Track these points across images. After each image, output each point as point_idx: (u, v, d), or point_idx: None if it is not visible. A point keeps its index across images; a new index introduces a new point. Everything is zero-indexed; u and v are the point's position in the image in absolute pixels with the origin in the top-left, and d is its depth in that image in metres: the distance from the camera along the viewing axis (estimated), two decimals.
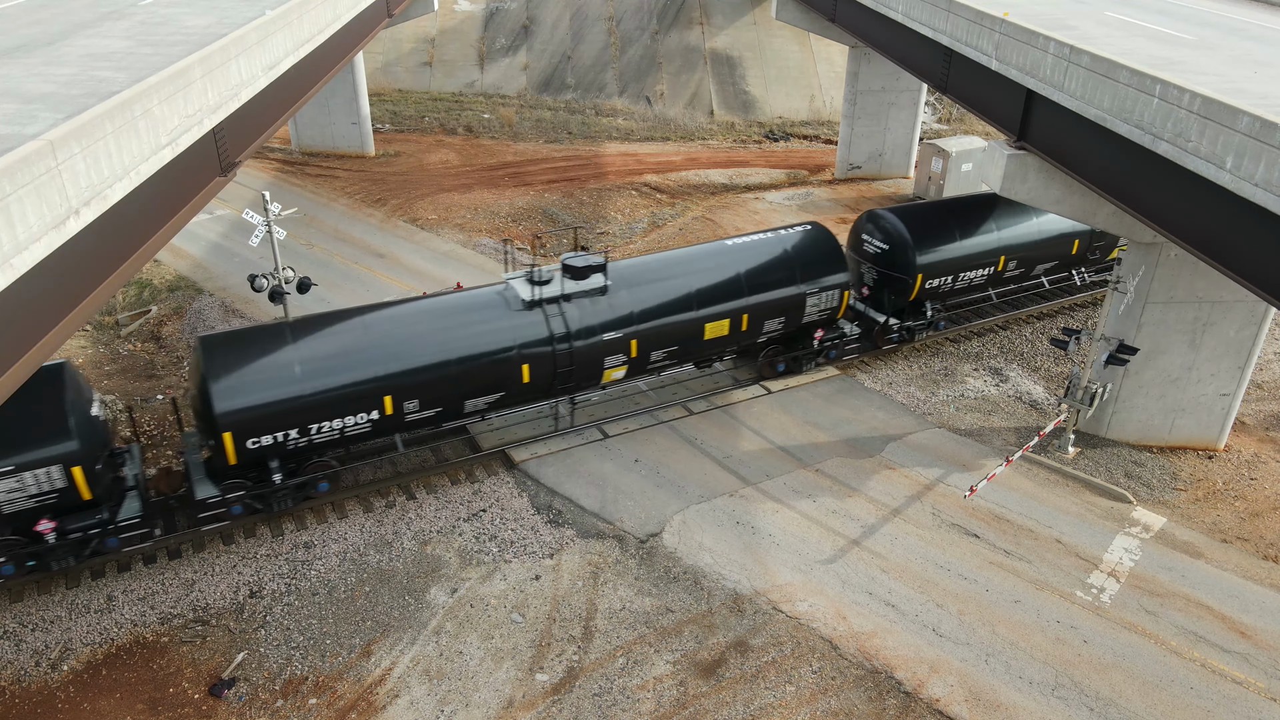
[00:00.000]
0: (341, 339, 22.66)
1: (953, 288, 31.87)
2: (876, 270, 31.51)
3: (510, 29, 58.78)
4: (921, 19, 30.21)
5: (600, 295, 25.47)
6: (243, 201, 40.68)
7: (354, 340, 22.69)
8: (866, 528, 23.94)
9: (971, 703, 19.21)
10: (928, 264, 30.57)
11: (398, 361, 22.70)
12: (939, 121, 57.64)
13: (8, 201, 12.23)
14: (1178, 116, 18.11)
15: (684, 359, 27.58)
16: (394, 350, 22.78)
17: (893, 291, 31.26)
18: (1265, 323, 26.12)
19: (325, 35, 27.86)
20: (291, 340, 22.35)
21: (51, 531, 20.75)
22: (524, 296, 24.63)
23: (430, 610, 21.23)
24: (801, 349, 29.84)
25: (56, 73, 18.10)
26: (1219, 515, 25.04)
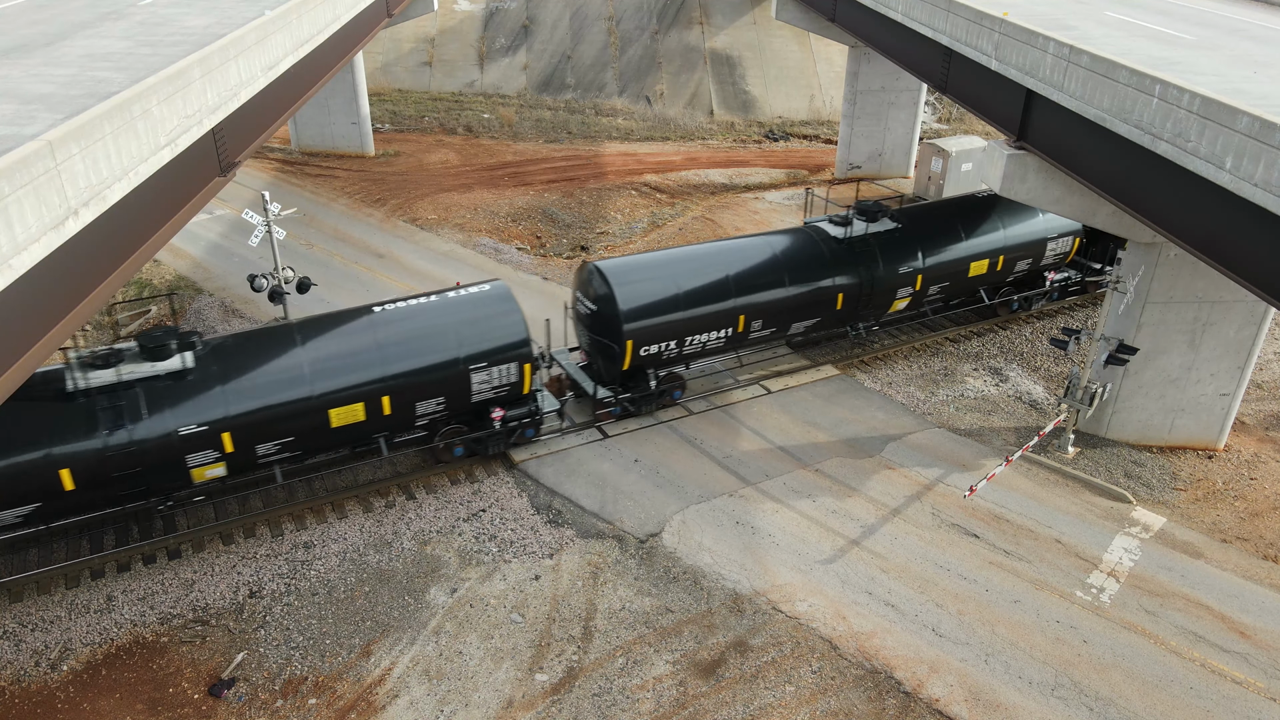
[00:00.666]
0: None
1: (680, 353, 27.22)
2: (589, 335, 27.17)
3: (510, 29, 58.77)
4: (921, 19, 30.20)
5: None
6: (242, 201, 40.69)
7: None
8: (866, 528, 23.94)
9: (971, 703, 19.21)
10: (638, 329, 25.93)
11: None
12: (939, 121, 57.64)
13: (6, 202, 12.22)
14: (1177, 116, 18.10)
15: None
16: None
17: (606, 359, 26.85)
18: (1265, 323, 26.12)
19: (325, 35, 27.86)
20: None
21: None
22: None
23: (430, 610, 21.23)
24: (482, 429, 25.30)
25: (55, 73, 18.10)
26: (1219, 515, 25.04)
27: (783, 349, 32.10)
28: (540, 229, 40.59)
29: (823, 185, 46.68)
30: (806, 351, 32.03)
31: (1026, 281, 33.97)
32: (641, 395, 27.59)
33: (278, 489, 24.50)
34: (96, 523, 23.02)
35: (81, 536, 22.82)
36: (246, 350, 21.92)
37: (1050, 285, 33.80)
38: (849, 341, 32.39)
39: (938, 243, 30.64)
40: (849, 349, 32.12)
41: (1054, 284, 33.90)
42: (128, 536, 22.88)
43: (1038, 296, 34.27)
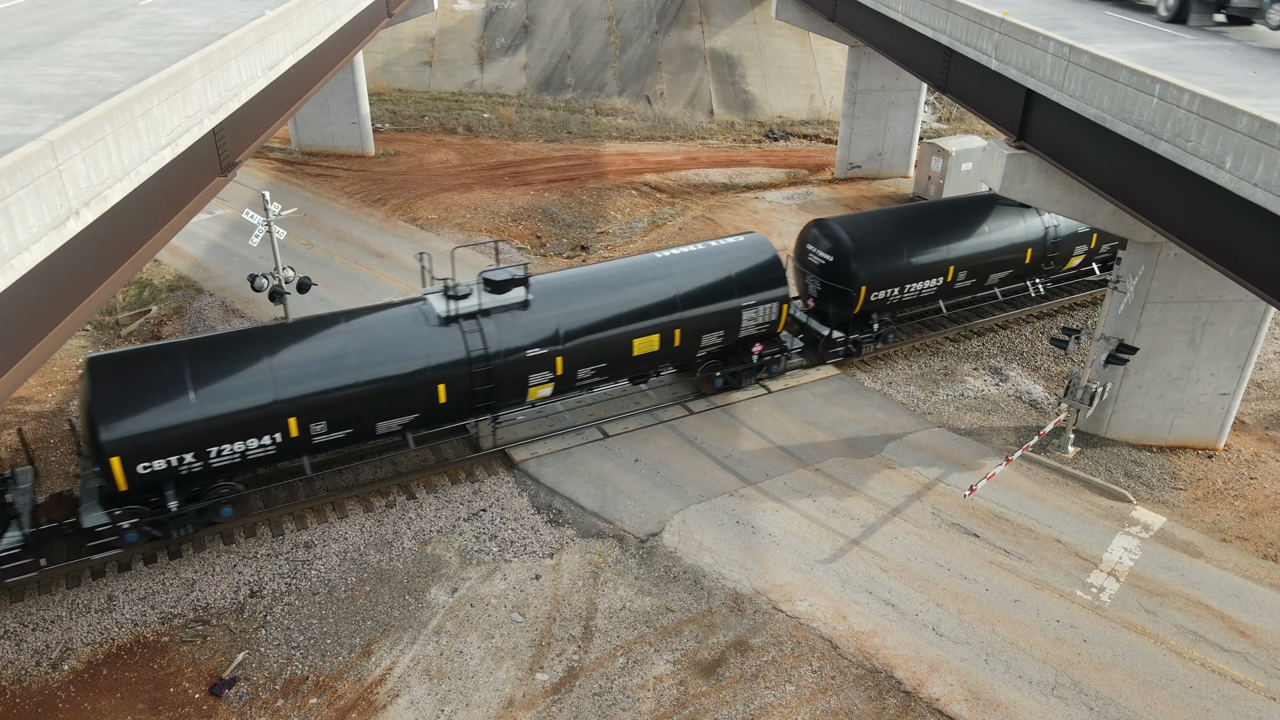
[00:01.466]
0: None
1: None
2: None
3: (510, 28, 58.78)
4: (921, 18, 30.21)
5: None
6: (242, 201, 40.70)
7: None
8: (866, 527, 23.96)
9: (971, 702, 19.23)
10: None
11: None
12: (939, 121, 57.65)
13: (7, 202, 12.23)
14: (1177, 116, 18.12)
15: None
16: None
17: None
18: (1265, 322, 26.14)
19: (325, 35, 27.86)
20: None
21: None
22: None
23: (430, 610, 21.25)
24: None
25: (56, 73, 18.11)
26: (1219, 515, 25.05)
27: None
28: (540, 228, 40.60)
29: (822, 185, 46.71)
30: (806, 351, 32.03)
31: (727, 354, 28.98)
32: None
33: (278, 489, 24.52)
34: None
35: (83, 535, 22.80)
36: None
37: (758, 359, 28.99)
38: None
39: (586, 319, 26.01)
40: None
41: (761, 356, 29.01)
42: None
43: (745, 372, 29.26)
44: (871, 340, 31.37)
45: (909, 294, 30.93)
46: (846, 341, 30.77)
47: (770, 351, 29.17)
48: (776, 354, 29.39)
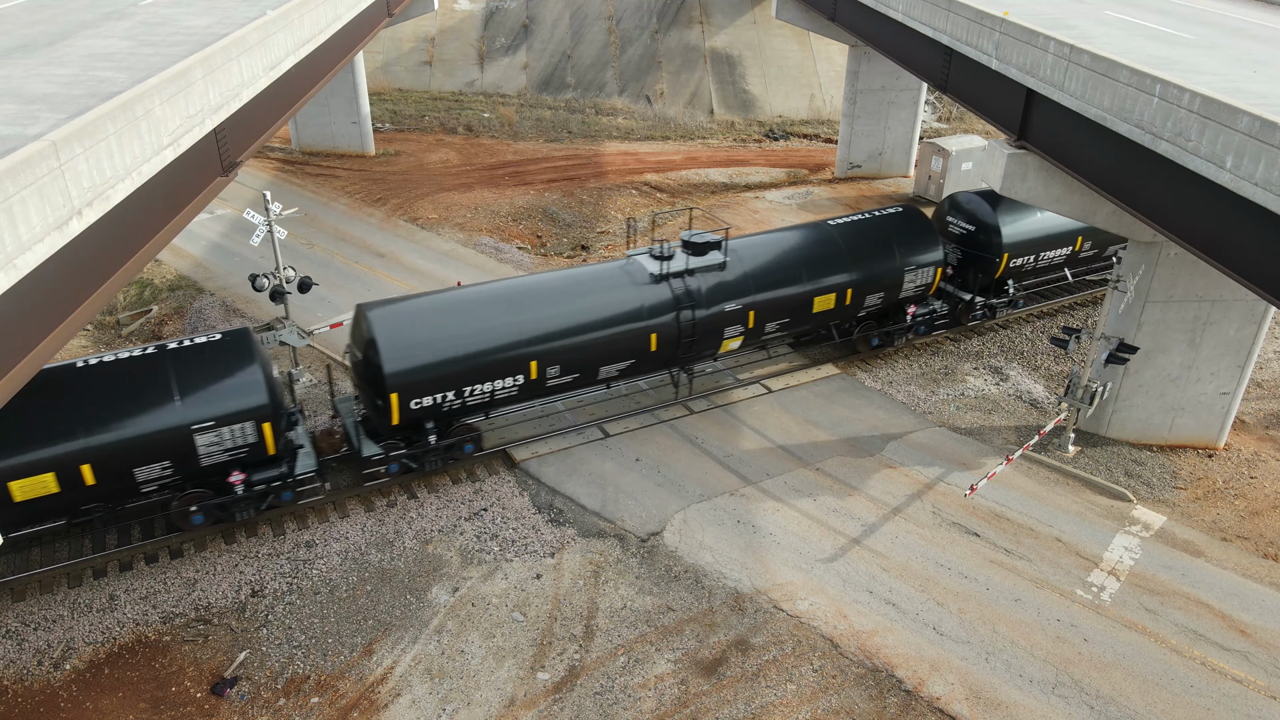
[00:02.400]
0: None
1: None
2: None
3: (510, 28, 58.79)
4: (922, 18, 30.23)
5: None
6: (243, 201, 40.72)
7: None
8: (867, 526, 23.98)
9: (972, 701, 19.25)
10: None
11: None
12: (939, 120, 57.66)
13: (10, 202, 12.26)
14: (1178, 116, 18.14)
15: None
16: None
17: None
18: (1265, 321, 26.16)
19: (325, 35, 27.88)
20: None
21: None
22: None
23: (432, 609, 21.27)
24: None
25: (58, 73, 18.13)
26: (1219, 514, 25.08)
27: (782, 348, 32.13)
28: (541, 228, 40.62)
29: (823, 184, 46.73)
30: (807, 350, 32.06)
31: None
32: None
33: None
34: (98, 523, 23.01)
35: (84, 536, 22.86)
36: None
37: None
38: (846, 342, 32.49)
39: None
40: (850, 348, 32.13)
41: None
42: (130, 536, 22.93)
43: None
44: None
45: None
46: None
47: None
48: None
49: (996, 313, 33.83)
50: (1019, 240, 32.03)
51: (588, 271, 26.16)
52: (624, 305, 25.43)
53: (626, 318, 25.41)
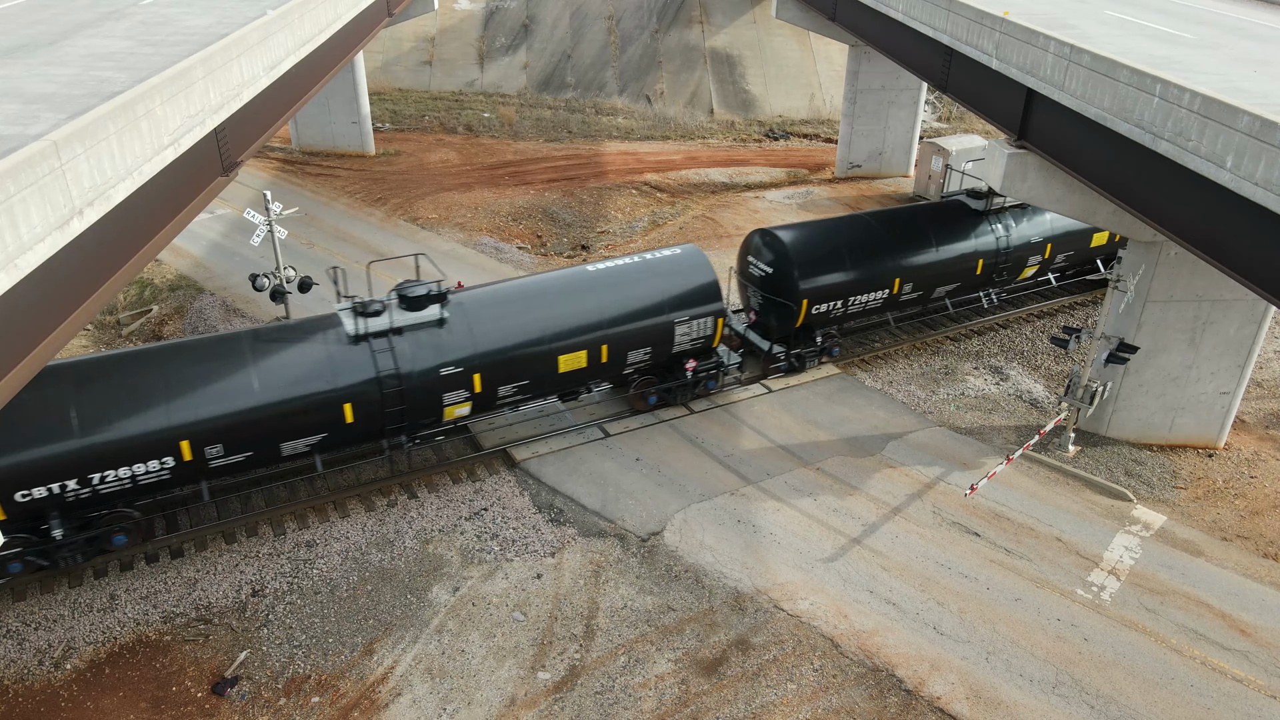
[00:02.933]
0: None
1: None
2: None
3: (510, 28, 58.80)
4: (922, 18, 30.24)
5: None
6: (243, 201, 40.72)
7: None
8: (867, 526, 23.99)
9: (972, 700, 19.26)
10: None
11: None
12: (939, 120, 57.67)
13: (11, 202, 12.27)
14: (1178, 116, 18.14)
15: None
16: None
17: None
18: (1265, 321, 26.17)
19: (326, 35, 27.88)
20: None
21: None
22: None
23: (432, 609, 21.28)
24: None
25: (58, 73, 18.13)
26: (1219, 513, 25.09)
27: None
28: (541, 228, 40.63)
29: (823, 184, 46.74)
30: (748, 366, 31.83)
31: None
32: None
33: (278, 488, 24.55)
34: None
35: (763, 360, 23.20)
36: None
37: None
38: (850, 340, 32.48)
39: None
40: (849, 347, 32.15)
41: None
42: None
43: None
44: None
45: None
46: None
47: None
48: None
49: (805, 364, 30.22)
50: (822, 285, 28.63)
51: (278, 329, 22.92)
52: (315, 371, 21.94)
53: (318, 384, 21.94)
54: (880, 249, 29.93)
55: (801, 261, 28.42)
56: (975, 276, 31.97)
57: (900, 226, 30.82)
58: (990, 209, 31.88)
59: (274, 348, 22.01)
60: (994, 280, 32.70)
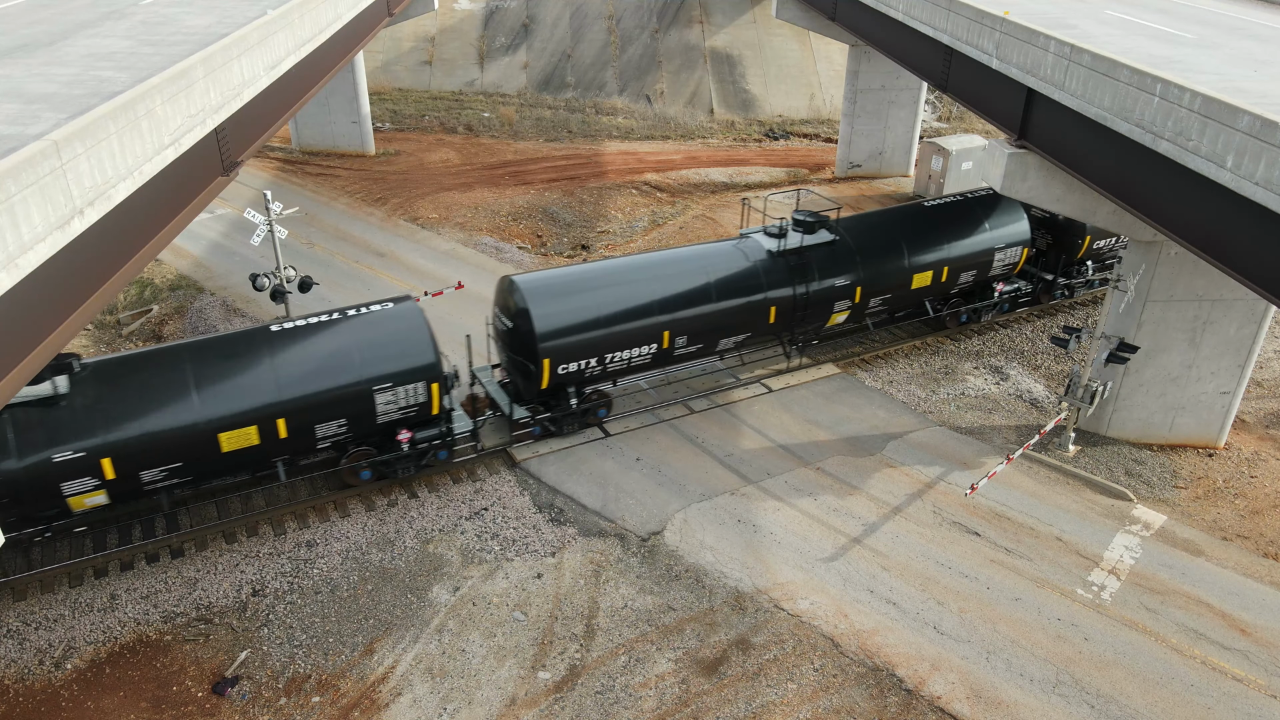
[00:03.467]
0: None
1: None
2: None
3: (510, 28, 58.79)
4: (922, 18, 30.24)
5: None
6: (243, 201, 40.72)
7: None
8: (867, 526, 24.00)
9: (972, 700, 19.27)
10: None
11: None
12: (939, 120, 57.67)
13: (12, 202, 12.27)
14: (1178, 115, 18.15)
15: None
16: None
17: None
18: (1265, 321, 26.17)
19: (326, 35, 27.89)
20: None
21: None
22: None
23: (432, 608, 21.28)
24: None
25: (58, 73, 18.13)
26: (1219, 513, 25.10)
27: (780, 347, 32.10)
28: (541, 228, 40.63)
29: (823, 184, 46.73)
30: (807, 350, 32.06)
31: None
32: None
33: (280, 487, 24.55)
34: (99, 522, 23.06)
35: (85, 535, 22.86)
36: None
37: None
38: (850, 340, 32.47)
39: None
40: (849, 347, 32.16)
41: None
42: (130, 535, 22.94)
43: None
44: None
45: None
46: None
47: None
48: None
49: (563, 427, 26.83)
50: (565, 343, 24.85)
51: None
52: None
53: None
54: (646, 297, 25.86)
55: (542, 315, 24.40)
56: (768, 325, 28.18)
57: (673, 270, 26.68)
58: (785, 249, 27.97)
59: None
60: (792, 328, 29.04)
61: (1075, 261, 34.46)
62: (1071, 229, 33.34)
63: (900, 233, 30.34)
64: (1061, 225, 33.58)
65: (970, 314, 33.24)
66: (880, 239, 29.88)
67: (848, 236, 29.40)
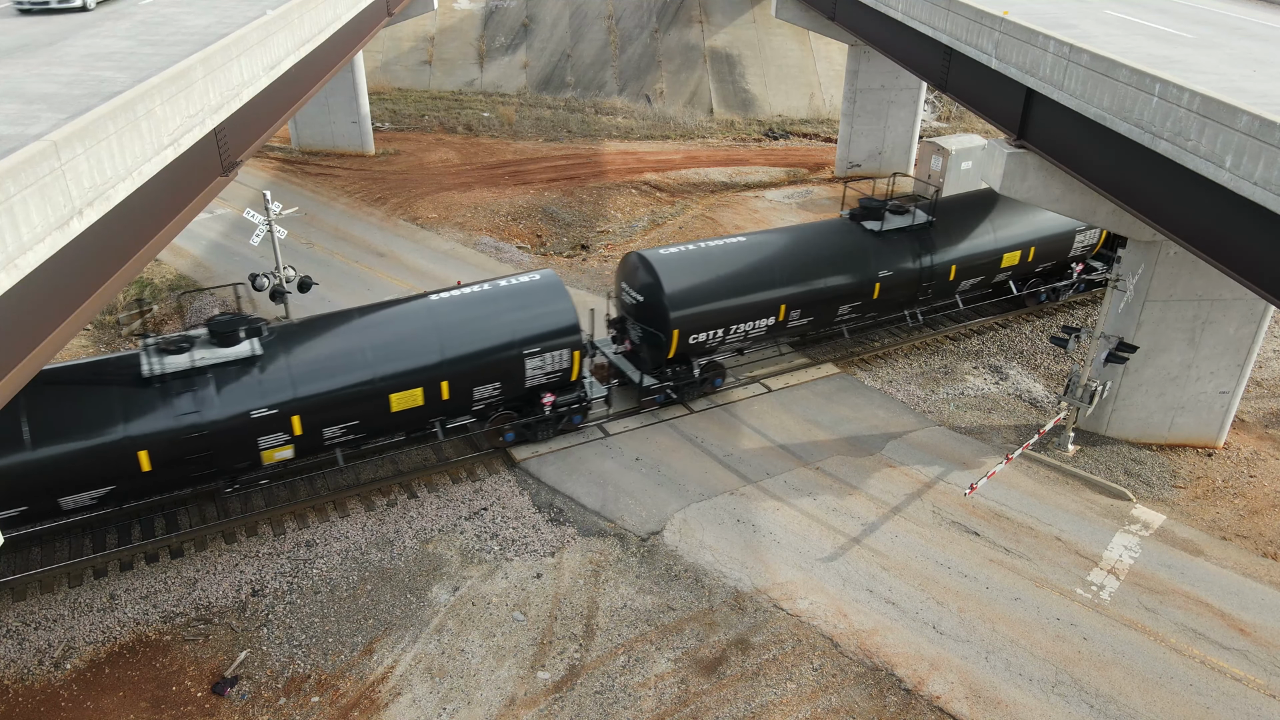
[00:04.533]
0: None
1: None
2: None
3: (510, 27, 58.79)
4: (921, 17, 30.24)
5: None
6: (243, 201, 40.73)
7: None
8: (867, 525, 24.01)
9: (972, 700, 19.28)
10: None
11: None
12: (939, 119, 57.68)
13: (12, 202, 12.27)
14: (1177, 115, 18.15)
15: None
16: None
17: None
18: (1264, 320, 26.18)
19: (325, 35, 27.89)
20: None
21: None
22: None
23: (432, 608, 21.29)
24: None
25: (58, 73, 18.15)
26: (1218, 513, 25.10)
27: (783, 347, 32.14)
28: (541, 228, 40.63)
29: (822, 184, 46.74)
30: (807, 350, 32.08)
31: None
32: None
33: (279, 487, 24.57)
34: (99, 522, 23.07)
35: (85, 535, 22.87)
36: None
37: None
38: (850, 340, 32.48)
39: None
40: (849, 347, 32.17)
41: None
42: (130, 535, 22.95)
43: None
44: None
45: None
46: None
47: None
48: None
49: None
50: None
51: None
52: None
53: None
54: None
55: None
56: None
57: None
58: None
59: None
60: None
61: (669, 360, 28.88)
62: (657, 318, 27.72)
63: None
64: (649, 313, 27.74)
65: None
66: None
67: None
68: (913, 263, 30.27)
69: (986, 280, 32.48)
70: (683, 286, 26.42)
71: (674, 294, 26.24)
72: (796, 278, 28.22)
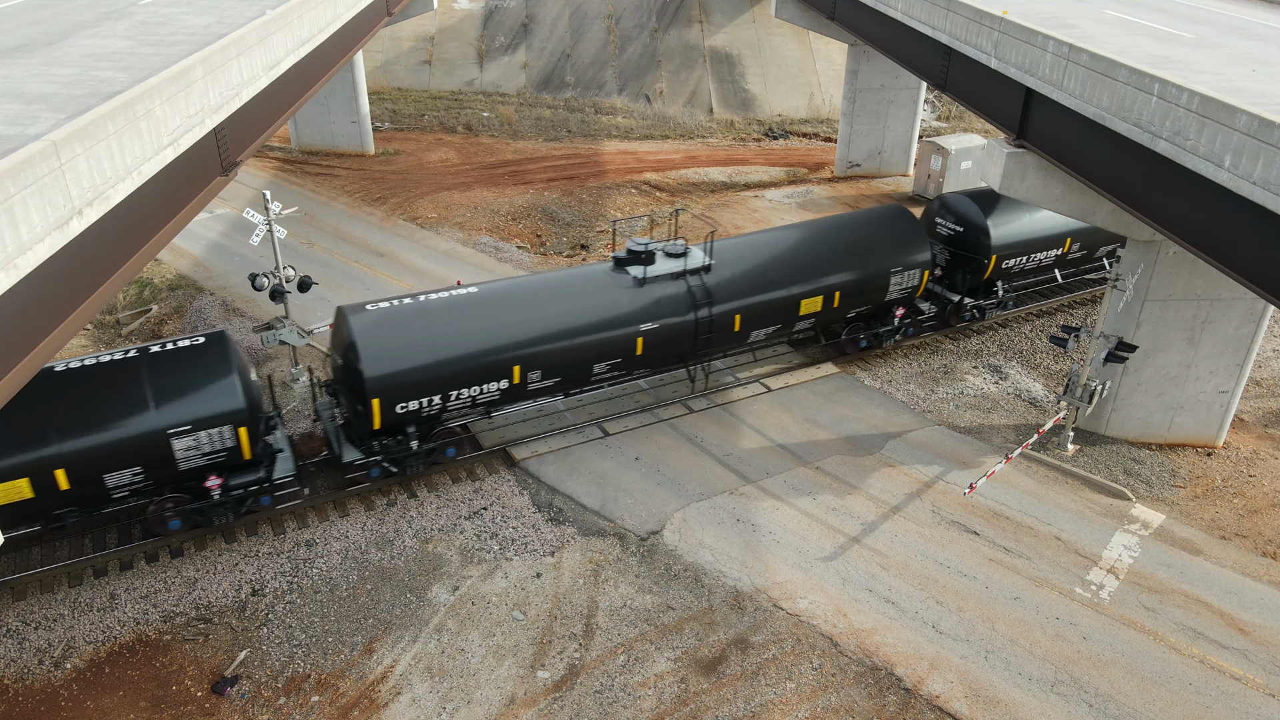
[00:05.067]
0: None
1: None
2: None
3: (509, 27, 58.79)
4: (921, 17, 30.25)
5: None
6: (242, 200, 40.74)
7: None
8: (866, 525, 24.02)
9: (971, 699, 19.29)
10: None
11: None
12: (938, 119, 57.69)
13: (11, 202, 12.28)
14: (1176, 115, 18.16)
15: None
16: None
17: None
18: (1264, 320, 26.19)
19: (325, 35, 27.90)
20: None
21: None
22: None
23: (432, 608, 21.30)
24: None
25: (58, 73, 18.14)
26: (1218, 512, 25.12)
27: (782, 347, 32.17)
28: (540, 227, 40.64)
29: (822, 183, 46.76)
30: (806, 349, 32.10)
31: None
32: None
33: None
34: (99, 521, 23.08)
35: (84, 535, 22.88)
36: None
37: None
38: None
39: None
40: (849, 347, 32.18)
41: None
42: (130, 535, 22.95)
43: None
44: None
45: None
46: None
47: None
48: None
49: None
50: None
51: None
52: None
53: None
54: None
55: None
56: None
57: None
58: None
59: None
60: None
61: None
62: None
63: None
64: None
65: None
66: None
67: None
68: (686, 314, 26.41)
69: (785, 329, 29.01)
70: (384, 349, 22.71)
71: (371, 357, 22.49)
72: (536, 335, 24.43)
